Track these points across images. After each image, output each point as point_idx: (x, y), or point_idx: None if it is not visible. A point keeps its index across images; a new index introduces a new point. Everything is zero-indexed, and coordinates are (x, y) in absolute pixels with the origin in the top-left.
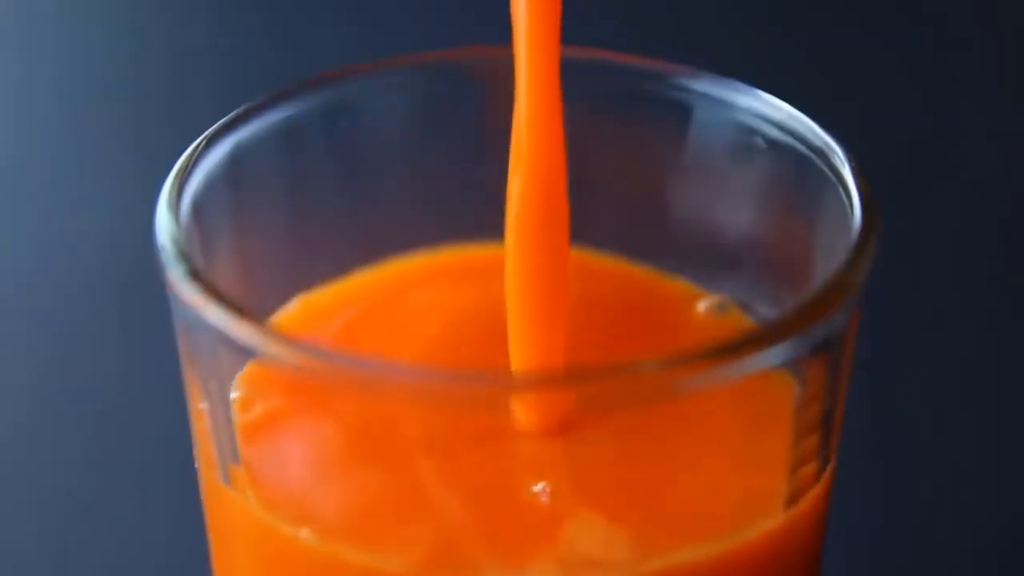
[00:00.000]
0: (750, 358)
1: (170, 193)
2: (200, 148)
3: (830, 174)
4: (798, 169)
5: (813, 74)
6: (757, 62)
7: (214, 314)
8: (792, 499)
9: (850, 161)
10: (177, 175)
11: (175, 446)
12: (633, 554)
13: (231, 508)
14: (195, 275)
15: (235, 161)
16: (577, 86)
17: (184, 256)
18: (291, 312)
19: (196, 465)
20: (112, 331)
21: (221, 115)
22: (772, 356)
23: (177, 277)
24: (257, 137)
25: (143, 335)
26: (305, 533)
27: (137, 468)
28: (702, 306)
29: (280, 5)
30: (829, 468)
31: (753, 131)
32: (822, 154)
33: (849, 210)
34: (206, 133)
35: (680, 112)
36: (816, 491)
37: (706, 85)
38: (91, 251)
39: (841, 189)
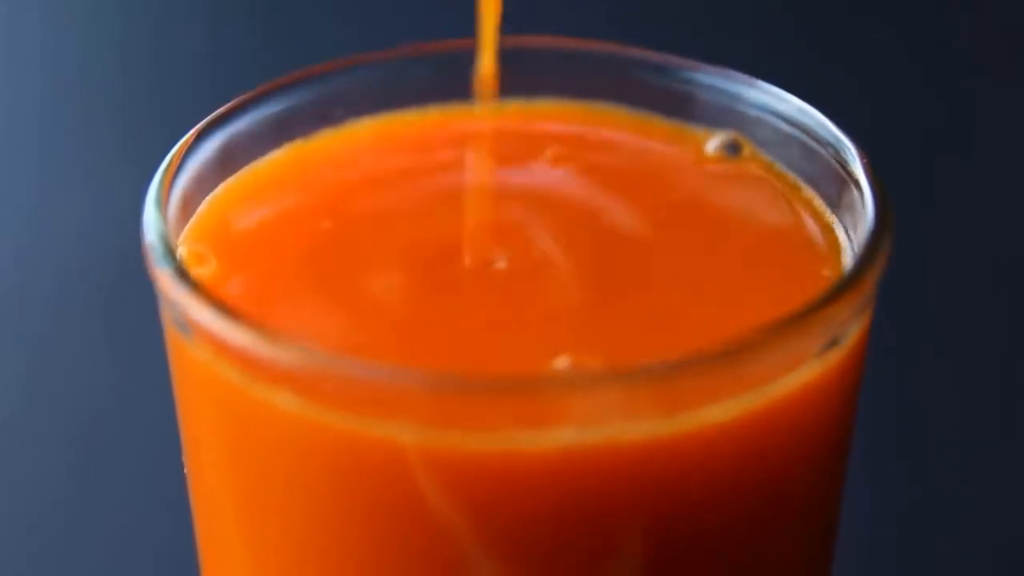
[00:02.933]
0: (761, 356)
1: (158, 189)
2: (189, 143)
3: (840, 169)
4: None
5: (824, 68)
6: (767, 56)
7: (202, 314)
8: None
9: (861, 156)
10: (166, 171)
11: (163, 445)
12: (663, 411)
13: (195, 369)
14: (183, 274)
15: (226, 156)
16: (584, 78)
17: (172, 254)
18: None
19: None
20: (99, 328)
21: (210, 110)
22: (785, 353)
23: (165, 276)
24: (248, 131)
25: (131, 333)
26: (284, 396)
27: (127, 468)
28: (711, 146)
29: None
30: (865, 316)
31: (763, 125)
32: (832, 149)
33: (861, 205)
34: (195, 128)
35: (688, 105)
36: (850, 342)
37: (716, 79)
38: (78, 248)
39: (852, 184)
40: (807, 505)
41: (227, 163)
